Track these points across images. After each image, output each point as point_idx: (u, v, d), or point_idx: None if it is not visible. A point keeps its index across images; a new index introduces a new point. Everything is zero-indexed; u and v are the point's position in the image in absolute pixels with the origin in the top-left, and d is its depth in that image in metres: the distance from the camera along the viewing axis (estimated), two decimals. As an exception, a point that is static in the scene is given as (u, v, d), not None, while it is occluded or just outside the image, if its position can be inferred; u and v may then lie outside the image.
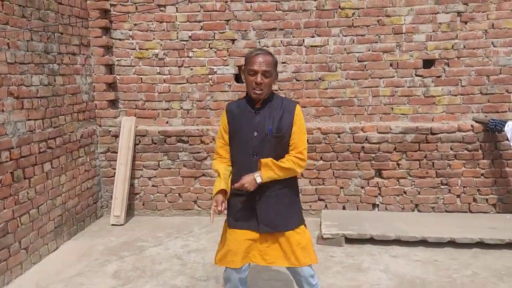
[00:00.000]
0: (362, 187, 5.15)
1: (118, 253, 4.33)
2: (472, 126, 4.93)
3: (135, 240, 4.67)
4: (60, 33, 4.63)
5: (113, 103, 5.45)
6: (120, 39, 5.35)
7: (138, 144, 5.36)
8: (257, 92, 2.60)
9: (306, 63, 5.20)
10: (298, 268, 2.72)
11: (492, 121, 4.77)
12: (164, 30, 5.30)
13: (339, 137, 5.10)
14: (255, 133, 2.63)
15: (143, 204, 5.45)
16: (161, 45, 5.33)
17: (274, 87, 3.05)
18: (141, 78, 5.39)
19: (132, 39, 5.34)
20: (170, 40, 5.32)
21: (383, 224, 4.58)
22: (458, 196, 5.04)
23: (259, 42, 5.22)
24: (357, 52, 5.14)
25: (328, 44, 5.16)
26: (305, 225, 2.80)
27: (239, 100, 2.81)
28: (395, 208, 5.12)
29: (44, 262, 4.19)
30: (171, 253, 4.34)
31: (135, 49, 5.35)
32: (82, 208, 5.02)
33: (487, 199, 4.99)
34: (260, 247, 2.71)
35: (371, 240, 4.37)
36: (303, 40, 5.18)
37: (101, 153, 5.41)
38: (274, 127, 2.63)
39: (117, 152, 5.29)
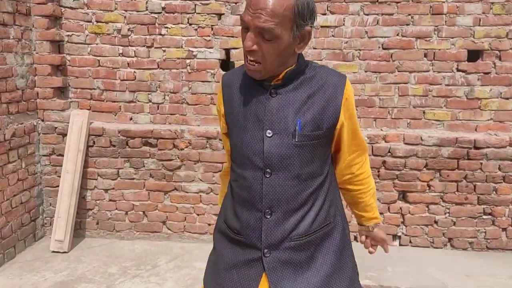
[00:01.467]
0: (381, 213, 3.97)
1: (48, 303, 3.14)
2: (528, 139, 3.77)
3: (77, 280, 3.46)
4: (-20, -6, 3.36)
5: (61, 92, 4.19)
6: (71, 8, 4.06)
7: (92, 146, 4.12)
8: (249, 66, 1.38)
9: (315, 48, 3.97)
10: None
11: (557, 135, 3.61)
12: (129, -3, 4.04)
13: (353, 147, 3.91)
14: (269, 131, 1.42)
15: (97, 223, 4.23)
16: (125, 17, 4.06)
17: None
18: (99, 60, 4.13)
19: (88, 8, 4.06)
20: (137, 11, 4.04)
21: (411, 270, 3.43)
22: (504, 229, 3.89)
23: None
24: (382, 37, 3.91)
25: (344, 24, 3.92)
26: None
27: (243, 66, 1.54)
28: (422, 241, 3.96)
29: None
30: (122, 305, 3.16)
31: (91, 21, 4.08)
32: (12, 230, 3.79)
33: (541, 235, 3.86)
34: None
35: (397, 294, 3.23)
36: (312, 18, 3.94)
37: (44, 155, 4.16)
38: (306, 119, 1.42)
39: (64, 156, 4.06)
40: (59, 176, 4.09)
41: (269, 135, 1.41)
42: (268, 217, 1.42)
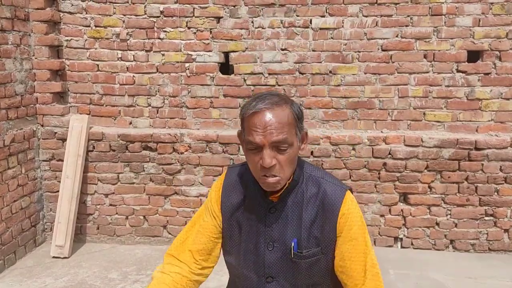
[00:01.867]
0: (382, 216, 3.96)
1: (48, 309, 3.13)
2: (529, 140, 3.75)
3: (78, 286, 3.45)
4: (-22, 0, 3.36)
5: (61, 97, 4.18)
6: (70, 13, 4.06)
7: (91, 150, 4.11)
8: (270, 181, 1.38)
9: (314, 51, 3.96)
10: None
11: (559, 135, 3.59)
12: (127, 2, 4.02)
13: (353, 149, 3.89)
14: (270, 244, 1.48)
15: (98, 228, 4.22)
16: (123, 22, 4.05)
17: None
18: (98, 65, 4.13)
19: (86, 13, 4.06)
20: (136, 16, 4.04)
21: (413, 272, 3.42)
22: (506, 231, 3.87)
23: (253, 22, 3.97)
24: (381, 39, 3.90)
25: (343, 26, 3.91)
26: None
27: (247, 170, 1.54)
28: (423, 244, 3.94)
29: None
30: (122, 311, 3.14)
31: (89, 26, 4.08)
32: (12, 236, 3.78)
33: (544, 236, 3.84)
34: None
35: (399, 298, 3.21)
36: (310, 20, 3.93)
37: (44, 161, 4.16)
38: (302, 238, 1.45)
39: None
40: (59, 181, 4.08)
41: (270, 249, 1.47)
42: None
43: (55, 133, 4.11)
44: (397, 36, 3.88)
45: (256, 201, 1.50)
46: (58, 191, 4.08)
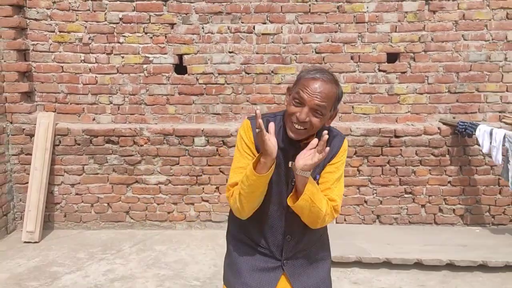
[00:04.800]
0: (319, 196, 4.55)
1: (24, 283, 3.53)
2: (439, 128, 4.43)
3: (49, 264, 3.87)
4: (-49, 9, 3.72)
5: (28, 96, 4.57)
6: (36, 19, 4.46)
7: (58, 145, 4.52)
8: (297, 129, 1.73)
9: (257, 53, 4.52)
10: None
11: (461, 123, 4.28)
12: (89, 9, 4.46)
13: (293, 139, 4.47)
14: (293, 180, 1.80)
15: (65, 216, 4.63)
16: (85, 27, 4.49)
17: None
18: (62, 67, 4.54)
19: (51, 20, 4.47)
20: (97, 22, 4.48)
21: (343, 242, 4.01)
22: (423, 206, 4.55)
23: (203, 28, 4.49)
24: (315, 43, 4.50)
25: (282, 32, 4.49)
26: None
27: (279, 116, 1.89)
28: (354, 219, 4.58)
29: None
30: (90, 282, 3.58)
31: (54, 31, 4.49)
32: (-15, 224, 4.15)
33: (454, 210, 4.53)
34: None
35: (328, 261, 3.79)
36: (254, 26, 4.49)
37: (14, 155, 4.53)
38: (316, 173, 1.83)
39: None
40: (28, 174, 4.47)
41: (293, 184, 1.77)
42: (289, 240, 1.87)
43: (24, 129, 4.48)
44: (328, 41, 4.49)
45: (286, 141, 1.79)
46: (27, 183, 4.46)
